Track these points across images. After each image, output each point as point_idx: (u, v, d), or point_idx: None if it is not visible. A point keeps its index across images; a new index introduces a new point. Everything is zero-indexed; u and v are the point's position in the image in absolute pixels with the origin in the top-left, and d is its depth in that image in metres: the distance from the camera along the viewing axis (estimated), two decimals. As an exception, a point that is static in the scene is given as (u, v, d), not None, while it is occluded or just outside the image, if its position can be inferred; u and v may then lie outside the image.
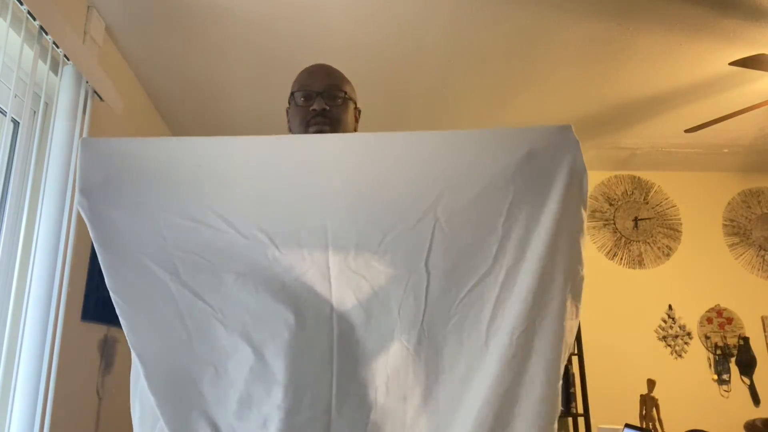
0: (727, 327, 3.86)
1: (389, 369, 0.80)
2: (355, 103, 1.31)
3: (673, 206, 4.10)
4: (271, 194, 0.87)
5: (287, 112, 1.32)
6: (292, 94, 1.27)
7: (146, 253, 0.85)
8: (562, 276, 0.80)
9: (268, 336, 0.81)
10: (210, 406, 0.80)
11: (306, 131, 1.21)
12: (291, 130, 1.29)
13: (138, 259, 0.85)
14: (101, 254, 0.86)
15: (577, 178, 0.83)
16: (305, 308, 0.82)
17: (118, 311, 0.86)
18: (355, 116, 1.32)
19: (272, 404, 0.79)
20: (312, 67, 1.30)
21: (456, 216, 0.82)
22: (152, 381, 0.81)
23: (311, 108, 1.19)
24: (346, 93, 1.25)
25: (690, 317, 3.88)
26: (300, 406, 0.79)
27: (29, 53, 1.70)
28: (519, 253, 0.80)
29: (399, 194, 0.85)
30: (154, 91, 2.89)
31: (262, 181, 0.88)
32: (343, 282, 0.82)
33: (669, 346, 3.83)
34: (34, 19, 1.66)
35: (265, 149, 0.91)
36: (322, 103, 1.19)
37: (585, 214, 0.84)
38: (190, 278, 0.84)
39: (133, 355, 0.88)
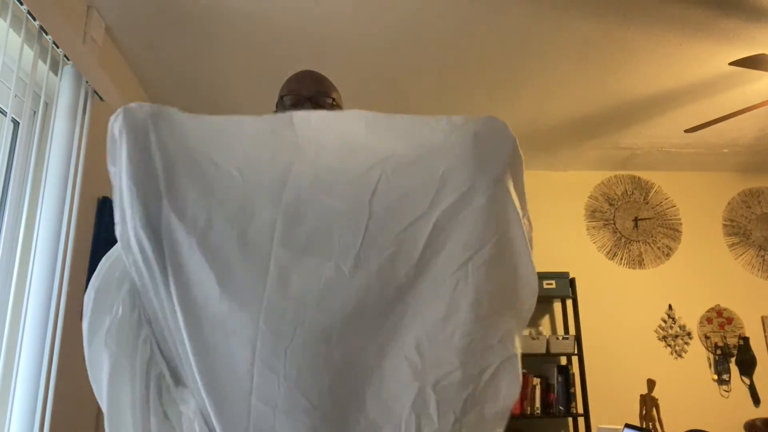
0: (727, 327, 3.86)
1: (323, 287, 0.87)
2: (341, 110, 1.33)
3: (673, 206, 4.10)
4: (248, 146, 0.95)
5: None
6: (281, 98, 1.30)
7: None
8: (496, 222, 0.91)
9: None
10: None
11: None
12: None
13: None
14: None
15: (517, 156, 0.96)
16: (251, 229, 0.88)
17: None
18: None
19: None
20: (301, 73, 1.33)
21: (400, 169, 0.92)
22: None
23: None
24: (333, 100, 1.28)
25: (690, 317, 3.88)
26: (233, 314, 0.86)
27: (29, 53, 1.71)
28: (455, 199, 0.90)
29: (353, 152, 0.95)
30: (154, 91, 2.89)
31: (242, 139, 0.96)
32: (291, 210, 0.89)
33: (669, 346, 3.83)
34: (34, 19, 1.66)
35: (241, 125, 0.99)
36: (310, 108, 1.21)
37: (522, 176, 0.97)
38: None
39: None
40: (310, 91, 1.25)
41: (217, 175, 0.91)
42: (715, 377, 3.77)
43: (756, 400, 3.72)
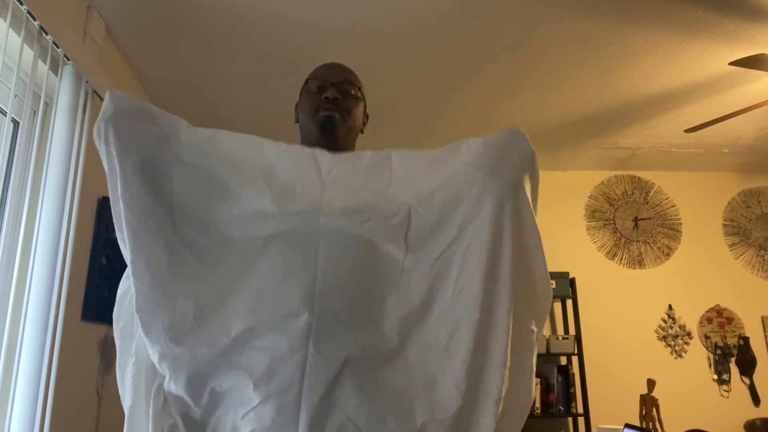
0: (727, 327, 3.86)
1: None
2: (366, 105, 1.32)
3: (673, 206, 4.10)
4: (280, 175, 0.96)
5: (296, 105, 1.32)
6: (306, 82, 1.28)
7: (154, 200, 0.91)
8: (510, 230, 0.93)
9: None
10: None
11: (315, 117, 1.22)
12: (299, 121, 1.30)
13: (145, 205, 0.90)
14: (114, 190, 0.90)
15: (528, 162, 0.96)
16: (293, 255, 0.90)
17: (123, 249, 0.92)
18: (364, 119, 1.32)
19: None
20: (328, 63, 1.32)
21: (426, 201, 0.94)
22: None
23: (324, 96, 1.21)
24: (359, 89, 1.26)
25: (690, 317, 3.88)
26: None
27: (29, 53, 1.70)
28: (474, 215, 0.93)
29: (383, 194, 0.97)
30: (154, 91, 2.89)
31: (275, 167, 0.97)
32: (331, 240, 0.91)
33: (669, 346, 3.83)
34: (34, 19, 1.66)
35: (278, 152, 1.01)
36: (335, 92, 1.21)
37: (535, 187, 0.98)
38: (186, 232, 0.91)
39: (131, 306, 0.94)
40: (336, 78, 1.23)
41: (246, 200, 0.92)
42: (715, 377, 3.77)
43: (756, 400, 3.72)
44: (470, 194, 0.93)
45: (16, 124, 1.82)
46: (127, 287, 0.97)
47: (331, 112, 1.20)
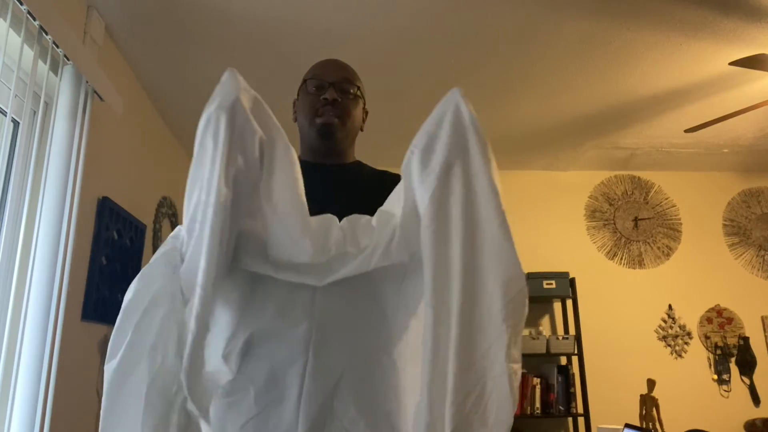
0: (727, 327, 3.86)
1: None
2: (365, 102, 1.31)
3: (673, 206, 4.10)
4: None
5: (294, 103, 1.32)
6: (304, 81, 1.27)
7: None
8: (451, 223, 0.84)
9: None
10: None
11: (314, 121, 1.21)
12: (297, 121, 1.29)
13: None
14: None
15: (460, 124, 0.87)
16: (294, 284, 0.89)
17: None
18: (363, 116, 1.32)
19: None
20: (325, 60, 1.31)
21: (405, 219, 0.88)
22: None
23: (322, 97, 1.20)
24: (358, 88, 1.26)
25: (690, 317, 3.88)
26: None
27: (29, 53, 1.70)
28: (425, 221, 0.86)
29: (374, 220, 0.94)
30: (154, 91, 2.89)
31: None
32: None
33: (669, 346, 3.83)
34: (34, 19, 1.66)
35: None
36: (333, 93, 1.20)
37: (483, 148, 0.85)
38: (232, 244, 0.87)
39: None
40: (334, 77, 1.23)
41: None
42: (715, 377, 3.77)
43: (756, 400, 3.72)
44: (415, 193, 0.85)
45: (16, 124, 1.82)
46: (143, 284, 0.88)
47: (330, 118, 1.19)
